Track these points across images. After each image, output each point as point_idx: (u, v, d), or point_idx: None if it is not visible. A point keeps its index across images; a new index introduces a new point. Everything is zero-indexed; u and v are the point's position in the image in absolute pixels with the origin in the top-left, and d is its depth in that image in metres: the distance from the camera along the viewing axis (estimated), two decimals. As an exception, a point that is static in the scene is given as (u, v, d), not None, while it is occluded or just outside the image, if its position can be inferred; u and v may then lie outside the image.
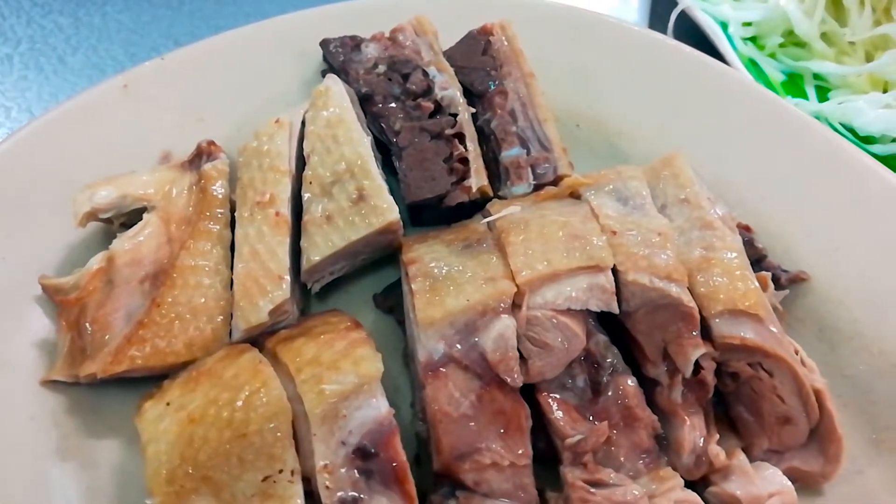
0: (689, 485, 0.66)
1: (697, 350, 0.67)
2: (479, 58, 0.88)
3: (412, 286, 0.70)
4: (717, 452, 0.66)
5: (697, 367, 0.67)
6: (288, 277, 0.72)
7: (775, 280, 0.77)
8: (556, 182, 0.81)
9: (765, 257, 0.79)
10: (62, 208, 0.79)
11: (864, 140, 0.95)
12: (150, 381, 0.70)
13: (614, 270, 0.69)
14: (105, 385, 0.71)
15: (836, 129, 0.94)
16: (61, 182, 0.81)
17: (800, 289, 0.79)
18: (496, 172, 0.83)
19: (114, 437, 0.71)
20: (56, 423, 0.71)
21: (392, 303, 0.80)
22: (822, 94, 1.03)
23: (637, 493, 0.63)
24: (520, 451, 0.64)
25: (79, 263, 0.77)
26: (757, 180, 0.85)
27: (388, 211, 0.73)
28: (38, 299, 0.76)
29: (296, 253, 0.76)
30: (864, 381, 0.74)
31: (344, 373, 0.64)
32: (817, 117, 0.94)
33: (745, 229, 0.80)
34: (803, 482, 0.69)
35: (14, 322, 0.74)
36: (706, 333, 0.68)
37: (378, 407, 0.63)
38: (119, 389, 0.72)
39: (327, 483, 0.59)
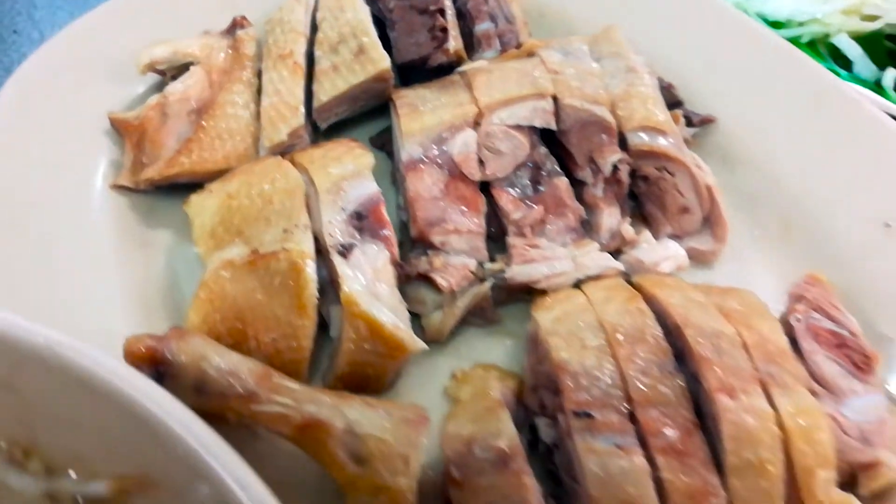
0: (607, 257, 0.86)
1: (615, 155, 0.87)
2: (457, -46, 1.08)
3: (399, 112, 0.90)
4: (628, 230, 0.86)
5: (615, 169, 0.87)
6: (302, 109, 0.93)
7: (688, 120, 0.97)
8: (517, 48, 1.01)
9: (681, 103, 0.99)
10: (122, 73, 1.00)
11: (774, 25, 1.14)
12: (195, 188, 0.91)
13: (554, 98, 0.89)
14: (160, 190, 0.92)
15: (751, 16, 1.14)
16: (119, 55, 1.02)
17: (709, 128, 0.98)
18: (470, 44, 1.04)
19: (166, 227, 0.91)
20: (121, 216, 0.91)
21: (384, 140, 1.00)
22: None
23: (564, 253, 0.83)
24: (475, 222, 0.84)
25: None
26: (680, 53, 1.05)
27: (381, 60, 0.94)
28: (108, 132, 0.97)
29: (308, 97, 0.97)
30: (754, 193, 0.94)
31: (345, 163, 0.84)
32: (737, 7, 1.14)
33: (668, 86, 1.00)
34: (697, 259, 0.89)
35: (92, 149, 0.95)
36: (623, 145, 0.88)
37: (370, 186, 0.83)
38: (170, 195, 0.93)
39: (330, 233, 0.80)
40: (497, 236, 0.88)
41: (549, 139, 0.90)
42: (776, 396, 0.67)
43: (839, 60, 1.16)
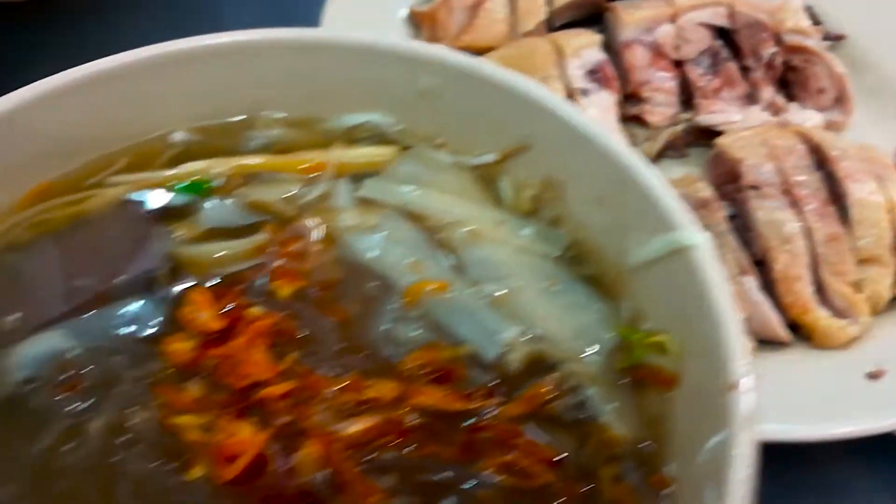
0: (763, 118, 1.22)
1: (772, 48, 1.23)
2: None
3: (619, 11, 1.28)
4: (780, 99, 1.22)
5: (772, 58, 1.23)
6: (544, 9, 1.33)
7: (825, 35, 1.31)
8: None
9: (820, 22, 1.33)
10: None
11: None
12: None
13: (729, 6, 1.26)
14: (442, 60, 1.33)
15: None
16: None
17: (841, 42, 1.33)
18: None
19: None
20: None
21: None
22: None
23: (736, 110, 1.20)
24: (672, 84, 1.21)
25: (422, 6, 1.39)
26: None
27: (603, -23, 1.33)
28: (408, 21, 1.38)
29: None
30: (873, 88, 1.27)
31: (582, 39, 1.23)
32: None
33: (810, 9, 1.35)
34: (831, 128, 1.21)
35: (399, 31, 1.36)
36: (779, 42, 1.24)
37: (600, 54, 1.22)
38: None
39: (572, 81, 1.18)
40: (685, 103, 1.25)
41: (726, 37, 1.27)
42: (885, 186, 1.02)
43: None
